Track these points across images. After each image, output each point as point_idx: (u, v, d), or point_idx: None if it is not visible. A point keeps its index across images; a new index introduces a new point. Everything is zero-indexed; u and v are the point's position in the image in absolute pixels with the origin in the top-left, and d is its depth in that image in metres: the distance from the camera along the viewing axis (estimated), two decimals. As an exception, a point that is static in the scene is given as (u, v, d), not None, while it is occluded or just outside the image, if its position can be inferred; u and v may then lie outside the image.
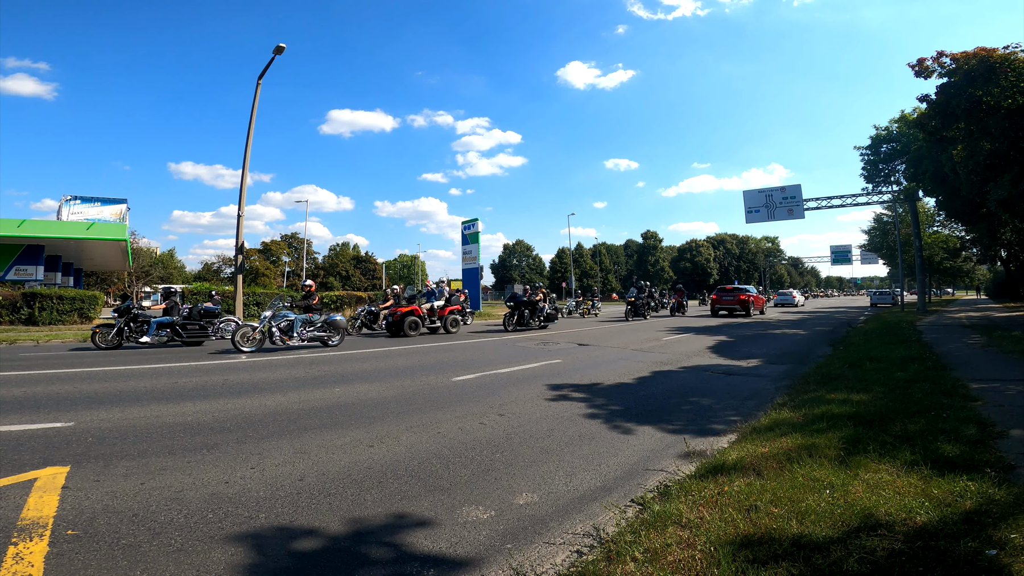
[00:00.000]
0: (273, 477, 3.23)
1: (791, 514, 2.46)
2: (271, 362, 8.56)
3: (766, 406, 5.29)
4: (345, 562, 2.27)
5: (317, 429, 4.37)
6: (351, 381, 6.78)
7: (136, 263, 44.21)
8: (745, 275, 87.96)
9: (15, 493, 2.90)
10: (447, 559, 2.32)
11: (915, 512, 2.43)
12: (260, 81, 16.71)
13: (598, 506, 2.93)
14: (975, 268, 50.88)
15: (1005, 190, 13.33)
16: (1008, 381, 5.92)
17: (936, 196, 22.48)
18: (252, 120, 16.64)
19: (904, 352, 8.44)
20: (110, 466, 3.37)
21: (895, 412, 4.38)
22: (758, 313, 24.28)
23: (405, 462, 3.58)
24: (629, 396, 5.98)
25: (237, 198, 16.68)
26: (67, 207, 26.36)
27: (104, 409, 4.96)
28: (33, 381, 6.44)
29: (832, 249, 62.92)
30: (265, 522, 2.62)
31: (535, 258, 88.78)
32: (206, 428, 4.34)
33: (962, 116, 13.58)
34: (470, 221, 30.50)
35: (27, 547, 2.30)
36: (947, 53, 13.61)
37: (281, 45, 15.86)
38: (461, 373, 7.39)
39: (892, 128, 26.19)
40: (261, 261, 69.22)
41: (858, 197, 30.13)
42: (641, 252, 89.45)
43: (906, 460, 3.15)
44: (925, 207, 32.67)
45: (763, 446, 3.62)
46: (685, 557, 2.16)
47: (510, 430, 4.44)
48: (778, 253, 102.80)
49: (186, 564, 2.20)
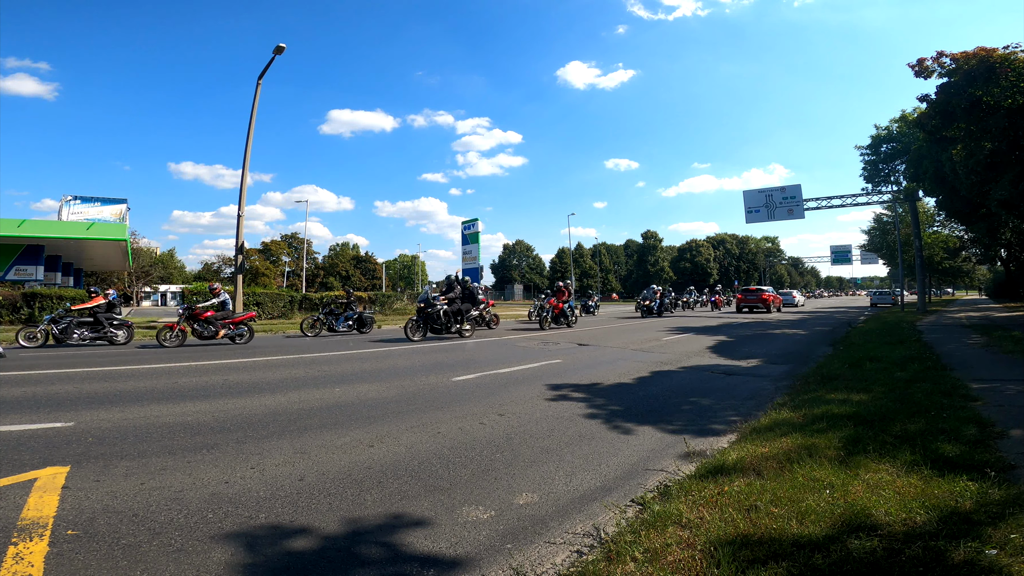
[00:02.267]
0: (273, 477, 3.23)
1: (791, 514, 2.46)
2: (271, 362, 8.56)
3: (766, 406, 5.29)
4: (345, 562, 2.27)
5: (317, 429, 4.36)
6: (351, 381, 6.77)
7: (136, 263, 44.24)
8: (745, 275, 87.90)
9: (15, 493, 2.89)
10: (447, 559, 2.32)
11: (915, 512, 2.43)
12: (260, 81, 16.73)
13: (598, 506, 2.93)
14: (975, 268, 50.86)
15: (1005, 190, 13.34)
16: (1008, 381, 5.92)
17: (936, 196, 22.48)
18: (252, 120, 16.66)
19: (904, 352, 8.45)
20: (110, 466, 3.36)
21: (895, 412, 4.38)
22: (775, 310, 28.49)
23: (405, 462, 3.58)
24: (629, 396, 5.98)
25: (237, 198, 16.72)
26: (67, 207, 26.35)
27: (104, 409, 4.96)
28: (33, 381, 6.44)
29: (832, 249, 62.98)
30: (265, 522, 2.62)
31: (535, 258, 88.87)
32: (206, 428, 4.34)
33: (962, 116, 13.58)
34: (470, 221, 30.53)
35: (27, 547, 2.30)
36: (947, 53, 13.62)
37: (281, 45, 15.87)
38: (461, 373, 7.39)
39: (892, 128, 26.22)
40: (261, 261, 69.30)
41: (858, 197, 30.15)
42: (641, 252, 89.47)
43: (906, 460, 3.15)
44: (925, 207, 32.68)
45: (763, 446, 3.62)
46: (685, 557, 2.16)
47: (510, 430, 4.44)
48: (778, 253, 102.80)
49: (186, 564, 2.20)
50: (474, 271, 29.29)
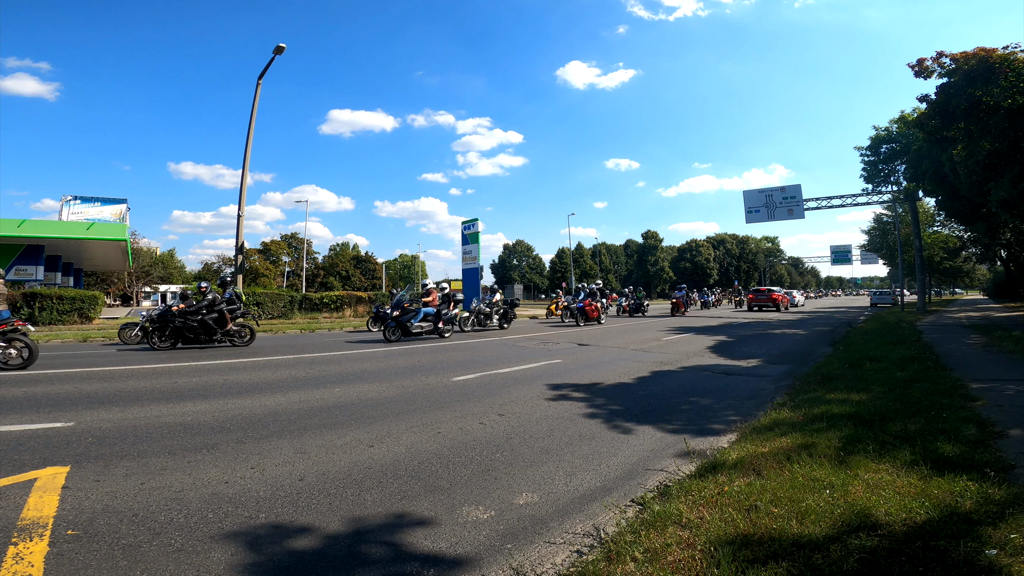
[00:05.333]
0: (273, 477, 3.23)
1: (791, 514, 2.46)
2: (271, 362, 8.56)
3: (766, 406, 5.29)
4: (345, 562, 2.27)
5: (317, 429, 4.37)
6: (351, 381, 6.78)
7: (136, 263, 44.25)
8: (745, 275, 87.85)
9: (15, 493, 2.89)
10: (447, 559, 2.32)
11: (915, 512, 2.43)
12: (260, 81, 16.74)
13: (598, 506, 2.93)
14: (975, 268, 50.87)
15: (1005, 190, 13.34)
16: (1008, 381, 5.93)
17: (936, 196, 22.49)
18: (252, 120, 16.66)
19: (904, 352, 8.45)
20: (110, 466, 3.37)
21: (895, 412, 4.38)
22: (784, 309, 30.79)
23: (405, 462, 3.58)
24: (629, 396, 5.98)
25: (237, 198, 16.72)
26: (67, 207, 26.36)
27: (104, 409, 4.96)
28: (33, 381, 6.44)
29: (832, 249, 62.89)
30: (265, 522, 2.62)
31: (535, 258, 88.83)
32: (206, 428, 4.34)
33: (962, 116, 13.58)
34: (470, 221, 30.48)
35: (27, 547, 2.30)
36: (947, 53, 13.61)
37: (281, 45, 15.88)
38: (461, 373, 7.39)
39: (892, 128, 26.21)
40: (261, 261, 69.26)
41: (858, 197, 30.14)
42: (641, 252, 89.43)
43: (906, 460, 3.15)
44: (925, 207, 32.70)
45: (763, 446, 3.63)
46: (685, 557, 2.16)
47: (510, 430, 4.44)
48: (778, 253, 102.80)
49: (186, 564, 2.20)
50: (474, 271, 29.23)
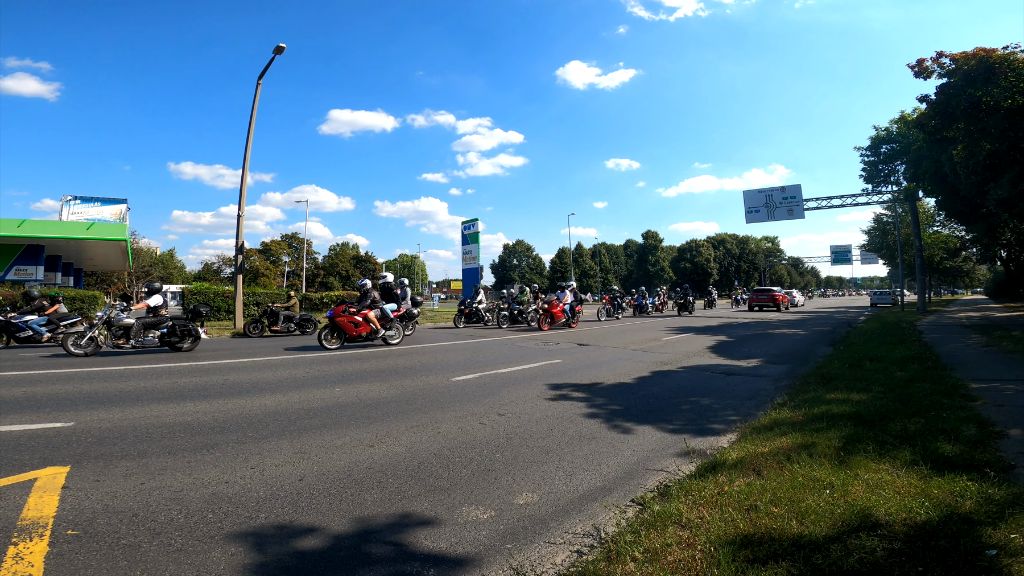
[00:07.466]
0: (273, 477, 3.23)
1: (791, 514, 2.46)
2: (271, 362, 8.56)
3: (766, 406, 5.29)
4: (345, 562, 2.27)
5: (317, 429, 4.36)
6: (351, 381, 6.77)
7: (136, 263, 44.21)
8: (745, 275, 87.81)
9: (15, 493, 2.89)
10: (447, 559, 2.32)
11: (915, 512, 2.43)
12: (260, 81, 16.71)
13: (598, 506, 2.93)
14: (975, 268, 50.84)
15: (1005, 190, 13.33)
16: (1008, 381, 5.92)
17: (936, 196, 22.46)
18: (252, 120, 16.64)
19: (904, 352, 8.45)
20: (110, 466, 3.36)
21: (895, 412, 4.38)
22: (784, 309, 31.22)
23: (405, 462, 3.58)
24: (629, 396, 5.97)
25: (237, 198, 16.70)
26: (67, 207, 26.35)
27: (104, 409, 4.96)
28: (33, 381, 6.44)
29: (832, 249, 62.89)
30: (265, 522, 2.62)
31: (535, 258, 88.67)
32: (206, 428, 4.34)
33: (962, 116, 13.57)
34: (470, 221, 30.49)
35: (27, 547, 2.30)
36: (946, 53, 13.61)
37: (281, 45, 15.84)
38: (461, 373, 7.39)
39: (892, 129, 26.18)
40: (261, 261, 69.19)
41: (858, 197, 30.13)
42: (641, 252, 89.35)
43: (906, 460, 3.15)
44: (925, 207, 32.67)
45: (763, 446, 3.62)
46: (685, 557, 2.16)
47: (510, 430, 4.44)
48: (778, 253, 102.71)
49: (186, 564, 2.20)
50: (474, 271, 29.26)
